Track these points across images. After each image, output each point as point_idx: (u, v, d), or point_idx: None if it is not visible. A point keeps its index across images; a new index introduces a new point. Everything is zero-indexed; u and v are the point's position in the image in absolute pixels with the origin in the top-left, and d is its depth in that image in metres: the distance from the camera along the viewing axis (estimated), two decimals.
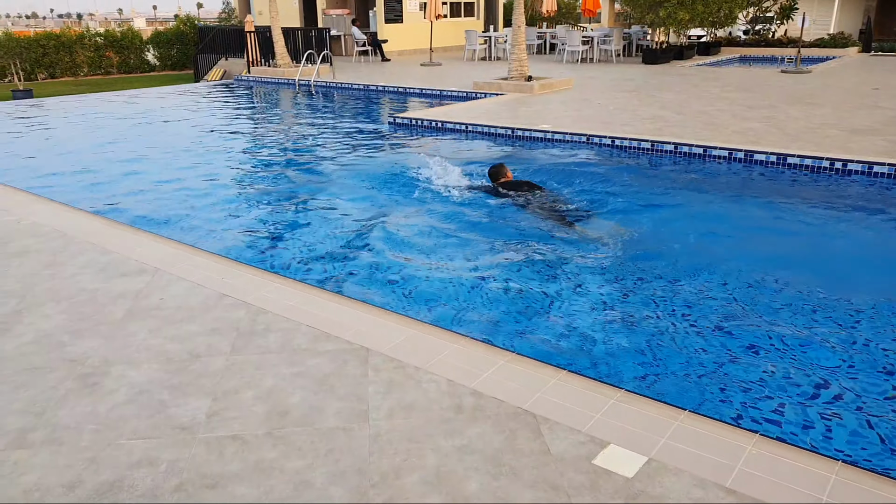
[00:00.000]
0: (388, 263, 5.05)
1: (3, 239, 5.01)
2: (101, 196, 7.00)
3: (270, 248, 5.52)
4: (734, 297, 4.43)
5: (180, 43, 25.51)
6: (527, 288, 4.59)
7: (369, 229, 5.86)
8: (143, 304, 3.87)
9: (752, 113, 10.23)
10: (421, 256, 5.19)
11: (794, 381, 3.44)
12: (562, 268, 4.95)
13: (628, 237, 5.61)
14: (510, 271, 4.88)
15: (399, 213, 6.26)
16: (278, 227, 6.06)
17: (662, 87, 13.51)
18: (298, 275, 4.79)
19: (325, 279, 4.78)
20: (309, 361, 3.22)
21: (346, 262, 5.11)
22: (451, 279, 4.72)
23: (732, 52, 22.26)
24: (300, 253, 5.36)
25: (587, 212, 6.31)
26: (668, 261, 5.06)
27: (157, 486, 2.41)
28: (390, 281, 4.73)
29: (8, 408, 2.89)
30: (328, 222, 6.11)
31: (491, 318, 4.16)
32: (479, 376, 3.05)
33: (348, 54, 22.25)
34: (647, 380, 3.48)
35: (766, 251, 5.32)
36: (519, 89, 13.08)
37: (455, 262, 5.06)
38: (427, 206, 6.47)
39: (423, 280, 4.73)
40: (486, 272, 4.87)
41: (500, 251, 5.30)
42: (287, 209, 6.58)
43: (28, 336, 3.52)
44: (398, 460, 2.52)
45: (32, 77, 21.92)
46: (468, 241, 5.51)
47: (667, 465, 2.46)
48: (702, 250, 5.31)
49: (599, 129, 9.08)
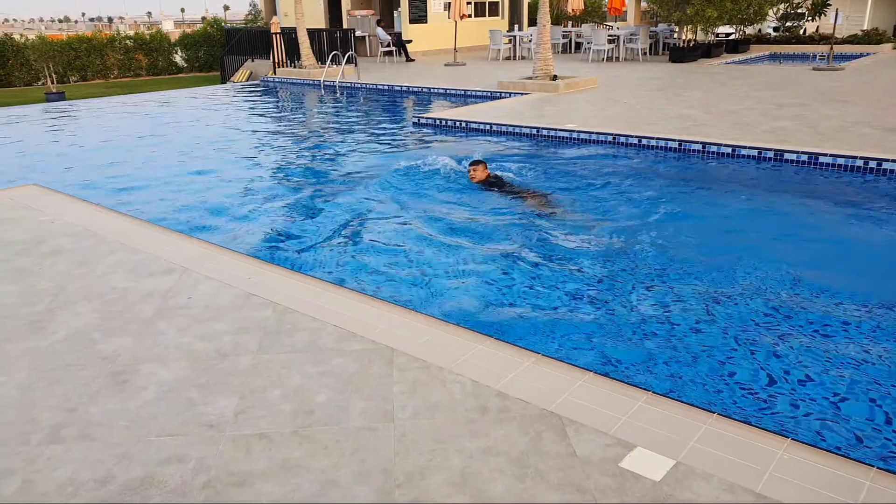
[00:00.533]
0: (413, 263, 5.06)
1: (37, 239, 5.12)
2: (131, 196, 7.11)
3: (297, 247, 5.56)
4: (763, 300, 4.36)
5: (207, 45, 25.87)
6: (551, 289, 4.57)
7: (394, 230, 5.88)
8: (171, 303, 3.93)
9: (782, 111, 10.06)
10: (446, 257, 5.19)
11: (827, 385, 3.37)
12: (585, 269, 4.92)
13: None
14: (535, 271, 4.86)
15: (424, 214, 6.27)
16: (304, 227, 6.11)
17: (690, 86, 13.35)
18: (324, 274, 4.82)
19: (351, 279, 4.80)
20: (334, 361, 3.24)
21: (371, 262, 5.13)
22: (475, 279, 4.72)
23: (762, 50, 21.91)
24: (326, 253, 5.40)
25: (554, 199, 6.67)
26: (694, 262, 5.00)
27: (186, 483, 2.44)
28: (415, 281, 4.74)
29: (43, 404, 2.95)
30: (353, 222, 6.14)
31: (516, 318, 4.15)
32: (505, 377, 3.04)
33: (373, 55, 22.35)
34: (675, 382, 3.44)
35: (797, 253, 5.23)
36: (544, 89, 13.02)
37: (480, 263, 5.06)
38: (451, 206, 6.48)
39: (448, 280, 4.73)
40: (512, 272, 4.85)
41: (521, 252, 5.28)
42: (313, 209, 6.63)
43: (61, 334, 3.59)
44: (423, 461, 2.52)
45: (65, 80, 22.39)
46: (492, 241, 5.50)
47: (695, 468, 2.43)
48: (730, 252, 5.24)
49: (625, 128, 9.00)
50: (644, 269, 4.94)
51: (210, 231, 5.91)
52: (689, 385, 3.42)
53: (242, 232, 5.95)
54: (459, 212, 6.27)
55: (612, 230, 5.76)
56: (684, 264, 4.97)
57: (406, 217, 6.17)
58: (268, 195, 7.25)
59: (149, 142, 10.40)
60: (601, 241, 5.47)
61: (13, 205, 6.08)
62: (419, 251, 5.30)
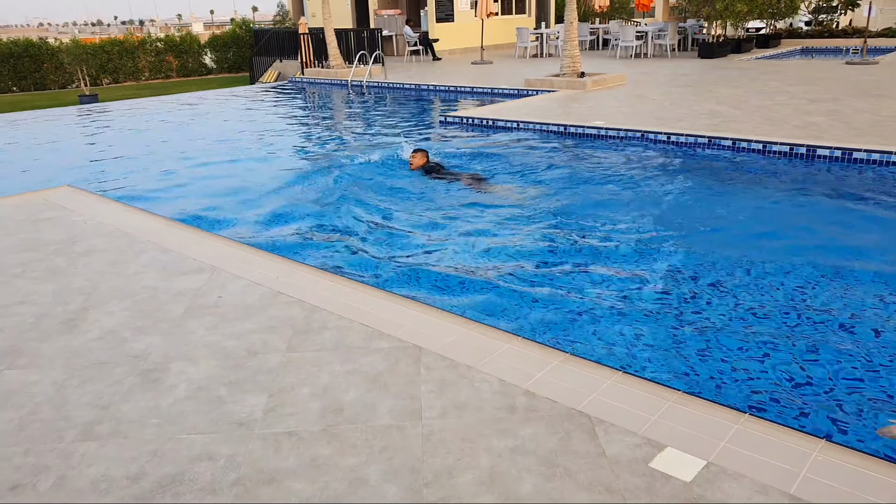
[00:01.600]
0: (440, 262, 5.06)
1: (71, 238, 5.22)
2: (162, 195, 7.23)
3: (325, 246, 5.60)
4: (797, 299, 4.27)
5: (236, 46, 26.16)
6: (579, 287, 4.53)
7: (420, 228, 5.88)
8: (201, 302, 3.98)
9: (814, 107, 9.86)
10: (473, 255, 5.18)
11: (863, 384, 3.29)
12: (612, 264, 4.87)
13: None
14: (562, 270, 4.83)
15: (451, 213, 6.26)
16: (332, 226, 6.14)
17: (719, 82, 13.15)
18: (352, 273, 4.84)
19: (378, 277, 4.81)
20: (362, 359, 3.25)
21: (398, 260, 5.14)
22: (502, 278, 4.70)
23: (793, 44, 21.50)
24: (354, 251, 5.42)
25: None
26: (722, 259, 4.92)
27: (216, 481, 2.47)
28: (442, 279, 4.73)
29: (77, 401, 3.01)
30: (381, 222, 6.16)
31: (546, 317, 4.12)
32: (533, 376, 3.02)
33: (399, 54, 22.41)
34: (705, 382, 3.39)
35: (831, 250, 5.12)
36: (571, 86, 12.94)
37: (506, 260, 5.04)
38: (479, 205, 6.47)
39: (474, 278, 4.72)
40: (536, 268, 4.83)
41: (538, 246, 5.25)
42: (340, 208, 6.66)
43: (94, 332, 3.66)
44: (451, 459, 2.51)
45: (97, 82, 22.82)
46: (509, 236, 5.48)
47: (727, 469, 2.39)
48: (761, 250, 5.15)
49: (654, 125, 8.90)
50: (669, 267, 4.87)
51: (239, 230, 5.97)
52: (719, 384, 3.37)
53: (271, 231, 6.01)
54: (485, 212, 6.26)
55: (640, 227, 5.70)
56: (712, 262, 4.89)
57: (430, 216, 6.18)
58: (295, 194, 7.31)
59: (179, 142, 10.55)
60: (621, 239, 5.42)
61: (47, 205, 6.21)
62: (444, 250, 5.30)
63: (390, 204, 6.67)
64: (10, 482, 2.50)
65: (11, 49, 21.69)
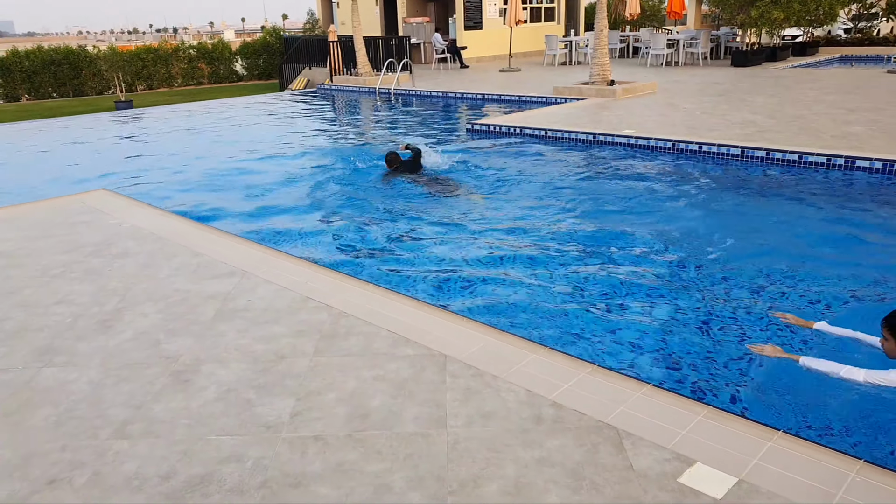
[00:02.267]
0: (466, 269, 5.06)
1: (107, 241, 5.33)
2: (194, 199, 7.34)
3: (352, 252, 5.64)
4: (829, 313, 4.19)
5: (266, 53, 26.53)
6: (607, 298, 4.50)
7: (447, 236, 5.89)
8: (231, 306, 4.03)
9: (853, 116, 9.67)
10: (499, 264, 5.17)
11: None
12: (637, 277, 4.83)
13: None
14: (593, 280, 4.80)
15: (478, 220, 6.27)
16: (360, 233, 6.18)
17: (753, 91, 12.97)
18: (379, 280, 4.87)
19: (405, 284, 4.83)
20: (388, 365, 3.26)
21: (424, 267, 5.16)
22: (527, 287, 4.69)
23: (831, 53, 21.13)
24: (381, 258, 5.45)
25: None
26: (756, 273, 4.84)
27: (244, 483, 2.50)
28: (467, 287, 4.73)
29: (112, 400, 3.07)
30: (408, 228, 6.18)
31: (573, 328, 4.10)
32: (560, 387, 3.00)
33: (427, 62, 22.50)
34: (736, 397, 3.34)
35: (871, 265, 5.00)
36: (601, 94, 12.87)
37: (533, 269, 5.02)
38: (502, 212, 6.46)
39: (501, 287, 4.71)
40: (570, 282, 4.80)
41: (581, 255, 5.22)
42: (368, 215, 6.70)
43: (128, 333, 3.73)
44: (476, 469, 2.51)
45: (133, 88, 23.30)
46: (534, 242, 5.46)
47: (759, 487, 2.35)
48: (797, 263, 5.05)
49: (685, 134, 8.81)
50: (700, 279, 4.81)
51: (268, 235, 6.04)
52: (751, 400, 3.31)
53: (299, 236, 6.07)
54: (506, 217, 6.25)
55: (670, 238, 5.64)
56: (745, 275, 4.81)
57: (457, 223, 6.19)
58: (323, 201, 7.37)
59: (210, 147, 10.72)
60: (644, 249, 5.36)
61: (84, 209, 6.36)
62: (471, 258, 5.30)
63: (417, 212, 6.69)
64: (47, 477, 2.56)
65: (52, 56, 22.29)
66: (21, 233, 5.65)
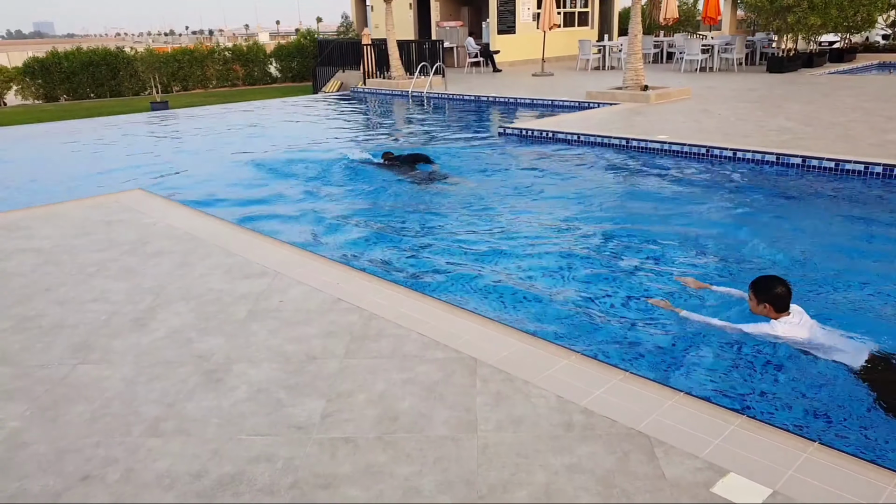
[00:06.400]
0: (497, 274, 5.04)
1: (142, 240, 5.43)
2: (227, 200, 7.43)
3: (384, 255, 5.65)
4: (866, 327, 4.08)
5: (300, 56, 26.81)
6: (641, 305, 4.44)
7: (480, 240, 5.88)
8: (263, 306, 4.07)
9: (892, 124, 9.43)
10: (532, 269, 5.15)
11: None
12: (671, 283, 4.76)
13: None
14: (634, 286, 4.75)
15: (510, 224, 6.24)
16: (392, 235, 6.20)
17: (789, 97, 12.74)
18: (410, 282, 4.87)
19: (436, 287, 4.83)
20: (418, 368, 3.26)
21: (456, 271, 5.15)
22: (560, 292, 4.65)
23: (870, 59, 20.64)
24: (413, 261, 5.46)
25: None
26: (792, 282, 4.74)
27: (274, 483, 2.51)
28: (498, 291, 4.71)
29: (145, 397, 3.12)
30: (440, 232, 6.19)
31: (606, 335, 4.06)
32: (591, 394, 2.97)
33: (460, 66, 22.53)
34: (773, 408, 3.27)
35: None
36: (634, 99, 12.75)
37: (562, 275, 4.98)
38: (534, 217, 6.43)
39: (532, 292, 4.68)
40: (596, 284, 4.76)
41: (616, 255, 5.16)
42: (400, 218, 6.72)
43: (161, 332, 3.79)
44: (506, 474, 2.49)
45: (168, 89, 23.73)
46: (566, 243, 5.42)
47: (794, 499, 2.29)
48: (833, 273, 4.94)
49: (720, 140, 8.68)
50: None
51: (301, 236, 6.09)
52: (785, 410, 3.24)
53: (332, 238, 6.11)
54: (538, 222, 6.21)
55: (704, 244, 5.55)
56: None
57: (490, 228, 6.17)
58: (356, 203, 7.41)
59: (244, 148, 10.85)
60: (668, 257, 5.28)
61: (120, 208, 6.48)
62: (502, 262, 5.28)
63: (449, 217, 6.69)
64: (81, 472, 2.60)
65: (91, 57, 22.82)
66: (59, 230, 5.78)
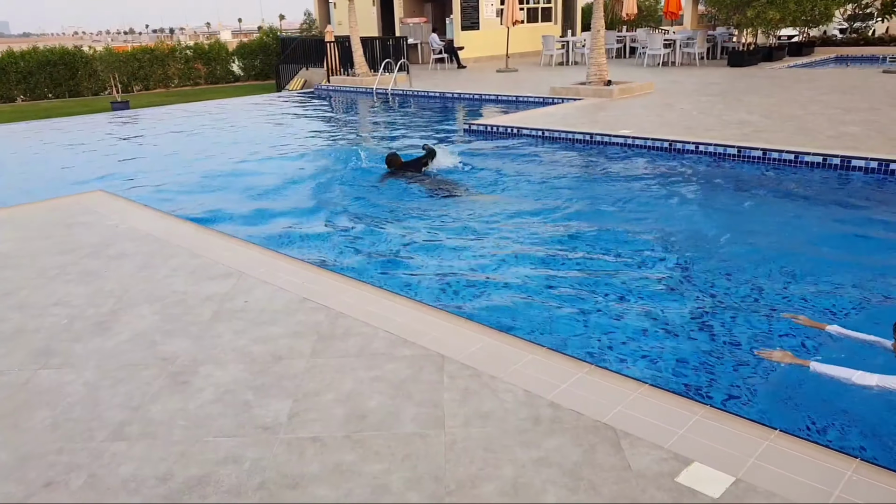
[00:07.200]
0: (463, 270, 5.06)
1: (104, 242, 5.32)
2: (191, 201, 7.33)
3: (350, 253, 5.63)
4: (827, 313, 4.20)
5: (263, 54, 26.47)
6: (604, 298, 4.50)
7: (444, 236, 5.89)
8: (228, 307, 4.02)
9: (849, 116, 9.69)
10: (498, 265, 5.18)
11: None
12: (634, 277, 4.83)
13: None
14: (589, 281, 4.80)
15: (474, 221, 6.27)
16: (358, 234, 6.18)
17: (749, 91, 13.00)
18: (377, 280, 4.86)
19: (402, 285, 4.83)
20: (386, 366, 3.26)
21: (422, 268, 5.16)
22: (526, 287, 4.69)
23: (827, 53, 21.16)
24: (379, 259, 5.45)
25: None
26: (752, 272, 4.85)
27: (241, 484, 2.49)
28: (464, 287, 4.73)
29: (109, 402, 3.06)
30: (405, 229, 6.18)
31: (571, 328, 4.10)
32: (558, 387, 3.01)
33: (424, 62, 22.51)
34: (734, 397, 3.34)
35: (864, 266, 5.02)
36: (598, 94, 12.88)
37: (526, 268, 5.03)
38: (499, 212, 6.46)
39: (499, 288, 4.71)
40: (562, 280, 4.81)
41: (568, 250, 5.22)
42: (366, 216, 6.70)
43: (125, 335, 3.72)
44: (474, 469, 2.51)
45: (129, 89, 23.23)
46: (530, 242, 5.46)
47: (756, 486, 2.35)
48: (792, 262, 5.06)
49: (682, 134, 8.82)
50: (697, 278, 4.82)
51: (266, 236, 6.03)
52: (747, 399, 3.31)
53: (297, 238, 6.06)
54: (503, 219, 6.25)
55: (667, 238, 5.64)
56: (741, 274, 4.82)
57: (453, 225, 6.18)
58: (321, 202, 7.37)
59: (206, 148, 10.71)
60: (640, 251, 5.37)
61: (81, 210, 6.34)
62: (467, 259, 5.30)
63: (415, 212, 6.69)
64: (43, 479, 2.55)
65: (48, 57, 22.21)
66: (17, 234, 5.64)
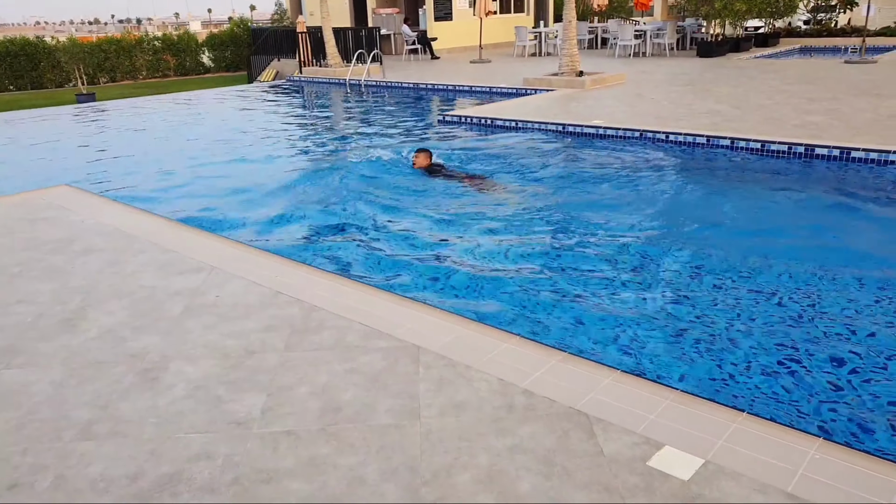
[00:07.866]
0: (439, 261, 5.06)
1: (69, 238, 5.22)
2: (160, 195, 7.22)
3: (324, 246, 5.60)
4: (794, 297, 4.28)
5: (234, 45, 26.15)
6: (578, 286, 4.54)
7: (421, 228, 5.88)
8: (199, 301, 3.97)
9: (813, 106, 9.87)
10: (473, 255, 5.18)
11: (862, 384, 3.30)
12: (610, 263, 4.88)
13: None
14: (565, 269, 4.83)
15: (451, 212, 6.27)
16: (332, 226, 6.14)
17: (718, 81, 13.16)
18: (351, 273, 4.84)
19: (378, 277, 4.81)
20: (361, 358, 3.25)
21: (398, 260, 5.14)
22: (501, 277, 4.71)
23: (792, 44, 21.48)
24: (353, 251, 5.42)
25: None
26: (721, 259, 4.93)
27: (214, 480, 2.47)
28: (439, 278, 4.74)
29: (77, 400, 3.01)
30: (381, 221, 6.16)
31: (545, 317, 4.13)
32: (531, 375, 3.02)
33: (398, 53, 22.40)
34: (703, 381, 3.40)
35: (830, 250, 5.13)
36: (570, 85, 12.94)
37: (505, 259, 5.04)
38: (479, 205, 6.47)
39: (474, 278, 4.72)
40: (537, 268, 4.83)
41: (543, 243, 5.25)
42: (339, 208, 6.66)
43: (93, 332, 3.66)
44: (449, 458, 2.52)
45: (95, 81, 22.79)
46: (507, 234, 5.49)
47: (724, 467, 2.39)
48: (759, 248, 5.15)
49: (653, 124, 8.90)
50: (668, 266, 4.88)
51: (238, 230, 5.97)
52: (716, 383, 3.37)
53: (269, 231, 6.01)
54: (478, 210, 6.26)
55: (639, 226, 5.70)
56: (711, 261, 4.89)
57: (427, 215, 6.18)
58: (294, 194, 7.30)
59: (176, 141, 10.55)
60: (616, 239, 5.42)
61: (45, 205, 6.20)
62: (443, 250, 5.30)
63: (391, 203, 6.67)
64: (8, 481, 2.50)
65: (8, 48, 21.67)
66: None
